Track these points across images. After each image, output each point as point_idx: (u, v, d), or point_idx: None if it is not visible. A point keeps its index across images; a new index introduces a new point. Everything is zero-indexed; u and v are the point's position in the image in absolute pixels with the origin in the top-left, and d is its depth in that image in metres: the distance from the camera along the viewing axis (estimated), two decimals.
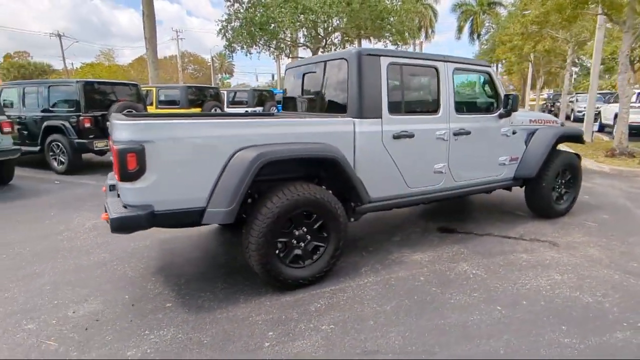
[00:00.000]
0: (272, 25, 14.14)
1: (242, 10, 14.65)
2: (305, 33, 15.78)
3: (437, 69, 3.57)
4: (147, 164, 2.44)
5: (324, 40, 16.00)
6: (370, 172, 3.27)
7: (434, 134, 3.56)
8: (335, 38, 17.61)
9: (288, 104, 4.29)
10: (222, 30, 14.48)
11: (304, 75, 4.01)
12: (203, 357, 2.21)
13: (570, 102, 17.96)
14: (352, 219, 3.63)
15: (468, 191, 4.03)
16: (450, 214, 4.87)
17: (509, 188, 4.52)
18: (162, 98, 10.63)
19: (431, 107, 3.63)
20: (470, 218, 4.67)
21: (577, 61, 23.35)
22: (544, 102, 27.29)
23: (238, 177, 2.59)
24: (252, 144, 2.71)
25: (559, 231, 4.20)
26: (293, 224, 2.90)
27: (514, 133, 4.20)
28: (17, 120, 7.39)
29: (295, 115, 3.96)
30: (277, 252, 2.84)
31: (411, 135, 3.41)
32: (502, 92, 4.05)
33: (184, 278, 3.16)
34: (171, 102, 10.35)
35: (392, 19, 14.37)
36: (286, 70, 4.44)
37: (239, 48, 15.42)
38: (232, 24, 14.57)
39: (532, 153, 4.31)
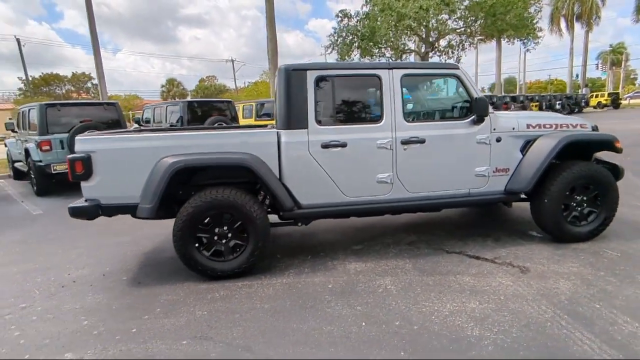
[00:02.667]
0: (375, 35, 14.40)
1: (351, 25, 15.31)
2: (413, 39, 15.52)
3: (379, 78, 3.51)
4: (93, 169, 3.26)
5: (431, 46, 15.44)
6: (298, 180, 3.46)
7: (373, 143, 3.50)
8: (452, 40, 16.76)
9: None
10: (332, 45, 15.38)
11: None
12: None
13: None
14: (300, 224, 3.88)
15: (435, 204, 3.75)
16: (445, 228, 4.49)
17: (507, 203, 3.97)
18: (261, 112, 12.10)
19: (372, 116, 3.57)
20: (461, 234, 4.21)
21: None
22: None
23: (157, 180, 3.20)
24: (174, 153, 3.28)
25: (552, 257, 3.51)
26: (213, 222, 3.35)
27: (498, 140, 3.71)
28: None
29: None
30: (197, 245, 3.34)
31: (343, 145, 3.45)
32: (476, 96, 3.65)
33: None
34: (267, 115, 11.69)
35: (508, 15, 13.02)
36: None
37: (351, 60, 16.14)
38: (343, 38, 15.32)
39: (527, 164, 3.71)
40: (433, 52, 16.84)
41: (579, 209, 3.81)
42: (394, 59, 17.28)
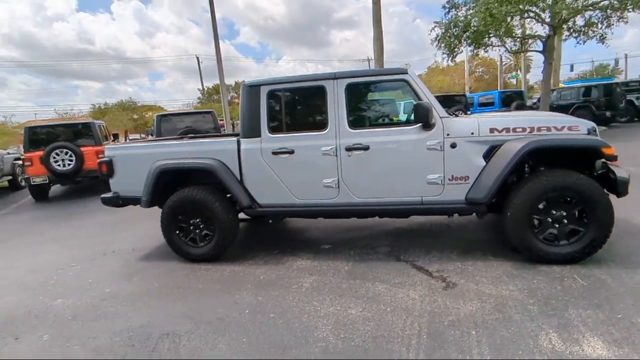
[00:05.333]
0: (492, 23, 13.14)
1: (460, 16, 14.36)
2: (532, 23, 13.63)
3: (324, 88, 3.70)
4: (114, 169, 4.38)
5: (555, 29, 13.24)
6: (255, 182, 3.94)
7: (318, 149, 3.71)
8: (593, 17, 14.20)
9: None
10: (440, 39, 14.69)
11: None
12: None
13: None
14: (270, 221, 4.37)
15: (385, 210, 3.73)
16: (431, 235, 4.28)
17: (470, 213, 3.66)
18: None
19: (318, 124, 3.76)
20: (438, 244, 3.99)
21: None
22: None
23: (149, 180, 4.12)
24: (163, 158, 4.14)
25: (500, 277, 3.14)
26: (188, 215, 4.11)
27: (452, 146, 3.46)
28: None
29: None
30: (177, 232, 4.15)
31: (291, 152, 3.78)
32: (428, 100, 3.48)
33: None
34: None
35: None
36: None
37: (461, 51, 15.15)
38: (451, 31, 14.51)
39: (488, 172, 3.37)
40: (569, 33, 14.37)
41: (558, 225, 3.26)
42: (515, 47, 15.38)
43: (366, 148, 3.61)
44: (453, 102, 12.17)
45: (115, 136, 11.05)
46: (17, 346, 2.80)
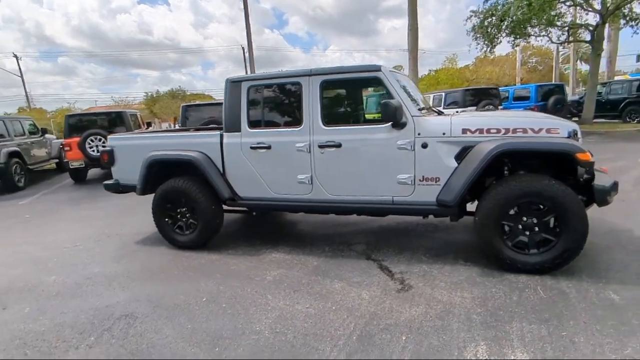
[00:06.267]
0: (531, 12, 12.37)
1: (499, 4, 13.59)
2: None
3: (300, 84, 3.71)
4: (115, 158, 4.68)
5: (601, 20, 12.14)
6: (236, 175, 4.06)
7: (293, 145, 3.75)
8: None
9: None
10: (476, 29, 14.00)
11: None
12: None
13: None
14: (254, 214, 4.49)
15: (358, 208, 3.71)
16: (413, 235, 4.19)
17: (443, 215, 3.55)
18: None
19: (294, 120, 3.79)
20: (413, 245, 3.91)
21: None
22: None
23: (142, 169, 4.37)
24: (155, 150, 4.37)
25: (460, 283, 3.05)
26: (175, 203, 4.32)
27: (424, 147, 3.36)
28: None
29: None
30: (166, 219, 4.38)
31: (268, 147, 3.85)
32: (400, 98, 3.40)
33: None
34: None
35: None
36: None
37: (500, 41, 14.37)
38: (489, 20, 13.79)
39: (458, 174, 3.25)
40: (625, 22, 13.14)
41: (528, 233, 3.10)
42: (563, 38, 14.29)
43: (338, 145, 3.60)
44: (486, 96, 11.58)
45: (149, 124, 11.65)
46: (2, 315, 3.13)
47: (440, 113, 4.32)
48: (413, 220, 4.69)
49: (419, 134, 3.37)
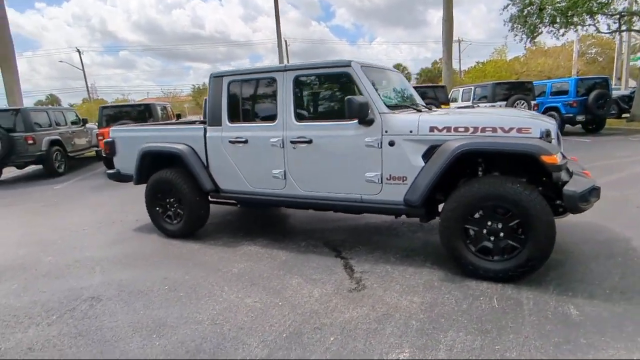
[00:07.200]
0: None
1: None
2: None
3: (275, 80, 3.71)
4: (116, 150, 4.95)
5: None
6: (217, 168, 4.16)
7: (268, 140, 3.77)
8: None
9: None
10: (515, 20, 13.19)
11: None
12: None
13: None
14: (238, 205, 4.59)
15: (329, 205, 3.67)
16: (397, 234, 4.08)
17: (412, 216, 3.43)
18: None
19: (270, 115, 3.80)
20: (393, 244, 3.81)
21: None
22: None
23: (136, 160, 4.59)
24: (148, 142, 4.57)
25: (415, 286, 2.95)
26: (164, 194, 4.50)
27: (390, 144, 3.25)
28: None
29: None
30: (157, 208, 4.58)
31: (245, 141, 3.90)
32: (369, 94, 3.31)
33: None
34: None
35: None
36: None
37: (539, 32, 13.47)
38: (529, 8, 12.95)
39: (423, 174, 3.13)
40: None
41: (493, 238, 2.93)
42: (615, 26, 13.06)
43: (309, 141, 3.58)
44: (519, 90, 10.88)
45: (178, 116, 12.14)
46: None
47: (429, 109, 4.17)
48: (399, 219, 4.56)
49: (386, 132, 3.27)
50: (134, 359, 2.32)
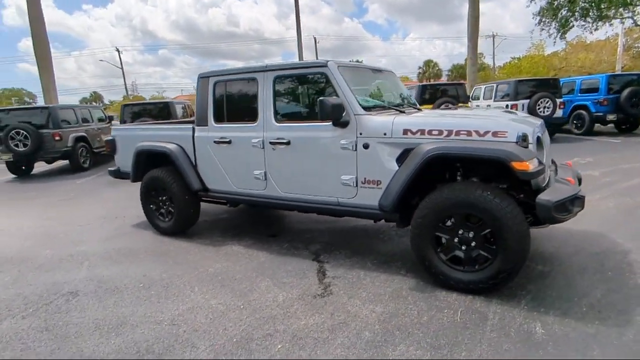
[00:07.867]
0: None
1: None
2: None
3: (256, 80, 3.69)
4: (117, 148, 5.11)
5: None
6: (205, 168, 4.21)
7: (249, 141, 3.76)
8: None
9: None
10: (543, 13, 12.52)
11: None
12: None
13: None
14: (229, 205, 4.62)
15: (307, 207, 3.62)
16: (372, 241, 3.98)
17: (391, 220, 3.32)
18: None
19: (251, 116, 3.77)
20: (371, 252, 3.71)
21: None
22: None
23: (132, 158, 4.72)
24: (143, 140, 4.68)
25: (382, 295, 2.85)
26: (157, 192, 4.59)
27: (365, 147, 3.16)
28: None
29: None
30: (151, 206, 4.69)
31: (229, 142, 3.91)
32: (344, 95, 3.22)
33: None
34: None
35: None
36: None
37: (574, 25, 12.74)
38: (559, 1, 12.28)
39: (396, 178, 3.02)
40: None
41: (464, 248, 2.78)
42: None
43: (288, 143, 3.54)
44: (543, 87, 10.29)
45: None
46: None
47: (419, 109, 4.03)
48: (389, 223, 4.43)
49: (360, 134, 3.18)
50: (76, 359, 2.38)
